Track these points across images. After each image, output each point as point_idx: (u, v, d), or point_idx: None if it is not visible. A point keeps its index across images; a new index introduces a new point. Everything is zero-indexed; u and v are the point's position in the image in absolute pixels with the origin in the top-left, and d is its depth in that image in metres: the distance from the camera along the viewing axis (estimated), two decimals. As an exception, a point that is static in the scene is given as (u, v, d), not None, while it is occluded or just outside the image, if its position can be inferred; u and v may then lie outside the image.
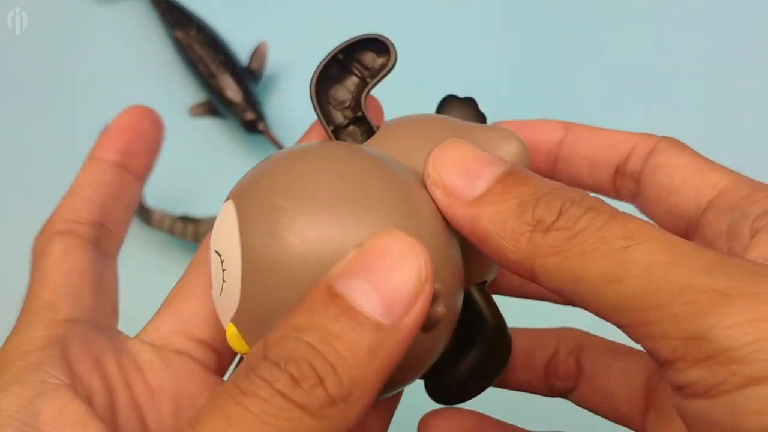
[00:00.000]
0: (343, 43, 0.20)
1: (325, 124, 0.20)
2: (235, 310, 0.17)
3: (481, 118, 0.23)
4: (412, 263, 0.15)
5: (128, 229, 0.23)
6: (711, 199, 0.20)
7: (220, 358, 0.21)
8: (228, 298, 0.17)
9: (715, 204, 0.20)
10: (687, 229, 0.20)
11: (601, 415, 0.23)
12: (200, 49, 0.47)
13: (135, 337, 0.21)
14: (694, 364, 0.14)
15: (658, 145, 0.21)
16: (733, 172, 0.20)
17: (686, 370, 0.14)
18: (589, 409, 0.24)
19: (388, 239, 0.15)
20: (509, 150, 0.20)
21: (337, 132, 0.21)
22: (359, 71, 0.21)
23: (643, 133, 0.22)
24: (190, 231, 0.41)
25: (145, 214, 0.42)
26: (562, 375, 0.24)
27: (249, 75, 0.47)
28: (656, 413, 0.21)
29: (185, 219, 0.42)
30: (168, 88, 0.49)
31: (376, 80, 0.20)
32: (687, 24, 0.49)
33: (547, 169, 0.23)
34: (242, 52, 0.48)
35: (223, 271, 0.17)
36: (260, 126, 0.44)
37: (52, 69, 0.50)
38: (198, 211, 0.42)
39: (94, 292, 0.20)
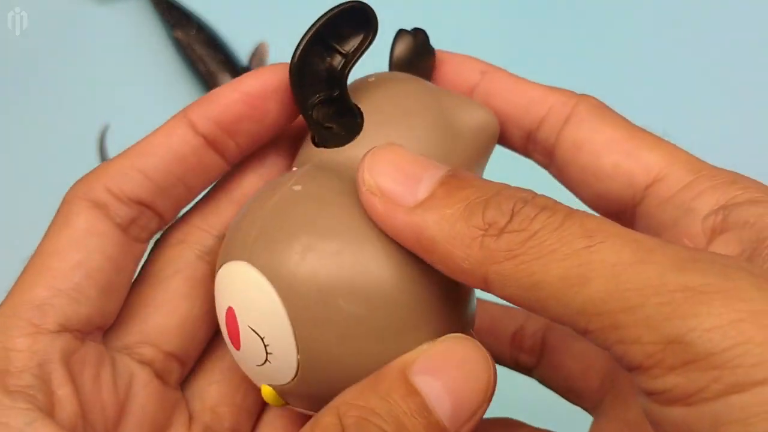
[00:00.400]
0: (324, 17, 0.18)
1: (304, 110, 0.19)
2: (286, 382, 0.17)
3: (430, 51, 0.22)
4: (485, 376, 0.15)
5: (180, 212, 0.20)
6: (647, 185, 0.18)
7: (183, 367, 0.20)
8: (274, 371, 0.17)
9: (652, 193, 0.18)
10: (620, 212, 0.19)
11: (560, 394, 0.23)
12: (200, 48, 0.47)
13: (103, 340, 0.19)
14: (671, 371, 0.13)
15: (576, 109, 0.19)
16: (666, 145, 0.19)
17: (662, 377, 0.13)
18: (550, 387, 0.24)
19: (467, 347, 0.16)
20: (475, 117, 0.19)
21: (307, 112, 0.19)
22: (341, 48, 0.19)
23: (561, 91, 0.20)
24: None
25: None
26: (527, 349, 0.24)
27: (249, 75, 0.47)
28: (613, 398, 0.21)
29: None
30: (168, 88, 0.49)
31: (358, 54, 0.19)
32: (684, 24, 0.49)
33: None
34: (242, 52, 0.48)
35: (266, 347, 0.17)
36: (260, 126, 0.44)
37: (52, 69, 0.50)
38: (198, 211, 0.42)
39: (98, 295, 0.18)
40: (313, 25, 0.18)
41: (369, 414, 0.15)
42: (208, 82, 0.46)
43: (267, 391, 0.18)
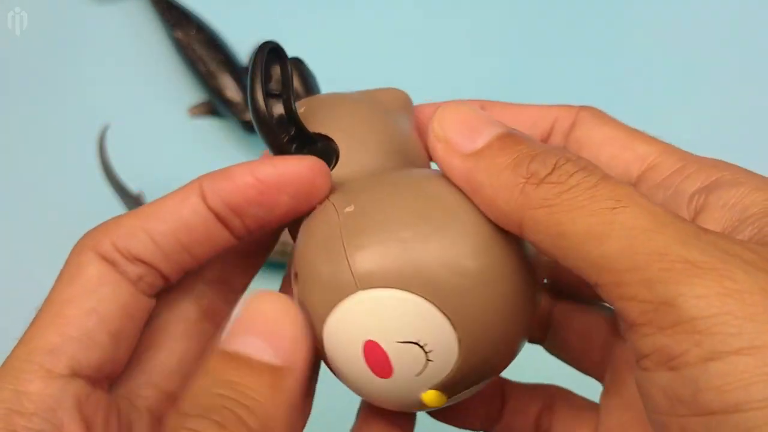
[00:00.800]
0: (255, 64, 0.19)
1: (284, 153, 0.20)
2: (448, 372, 0.18)
3: (311, 77, 0.24)
4: (282, 305, 0.17)
5: (184, 274, 0.20)
6: (640, 174, 0.20)
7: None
8: (435, 369, 0.17)
9: (645, 179, 0.20)
10: None
11: (569, 365, 0.24)
12: (200, 48, 0.47)
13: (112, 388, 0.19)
14: (660, 331, 0.14)
15: (579, 116, 0.21)
16: (660, 142, 0.20)
17: (651, 336, 0.14)
18: (559, 358, 0.24)
19: (258, 296, 0.17)
20: (397, 96, 0.22)
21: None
22: (273, 90, 0.20)
23: (563, 105, 0.22)
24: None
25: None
26: (534, 324, 0.24)
27: (249, 75, 0.47)
28: (612, 374, 0.22)
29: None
30: (168, 88, 0.49)
31: (290, 88, 0.20)
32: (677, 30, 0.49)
33: None
34: (242, 52, 0.48)
35: (424, 347, 0.17)
36: (260, 126, 0.44)
37: (52, 69, 0.50)
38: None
39: (110, 343, 0.18)
40: (252, 75, 0.19)
41: (199, 391, 0.16)
42: (208, 82, 0.46)
43: (431, 395, 0.18)
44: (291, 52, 0.19)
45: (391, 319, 0.17)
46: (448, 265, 0.17)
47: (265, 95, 0.19)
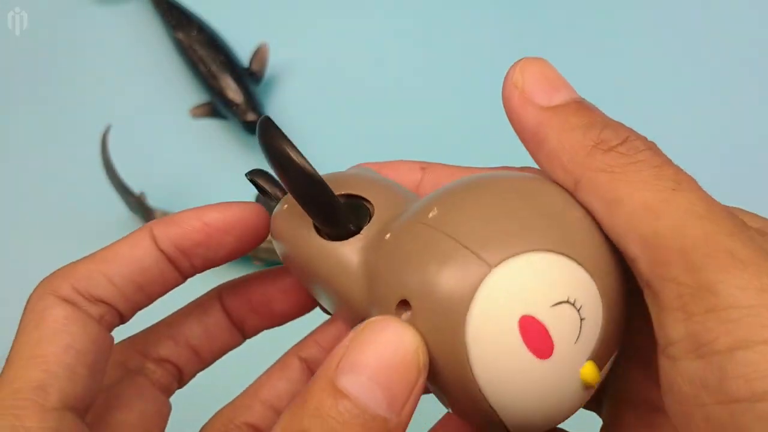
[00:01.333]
0: (278, 141, 0.19)
1: (336, 220, 0.20)
2: (597, 334, 0.17)
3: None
4: (409, 350, 0.15)
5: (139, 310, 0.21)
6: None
7: None
8: (588, 334, 0.17)
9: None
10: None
11: None
12: (201, 49, 0.47)
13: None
14: (692, 316, 0.14)
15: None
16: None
17: (683, 321, 0.14)
18: None
19: (383, 328, 0.16)
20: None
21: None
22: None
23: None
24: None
25: (147, 214, 0.42)
26: None
27: (250, 76, 0.47)
28: (610, 410, 0.21)
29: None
30: (169, 89, 0.49)
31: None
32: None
33: None
34: (243, 53, 0.48)
35: (579, 310, 0.17)
36: (261, 127, 0.44)
37: (52, 69, 0.50)
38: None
39: (89, 374, 0.18)
40: (281, 146, 0.18)
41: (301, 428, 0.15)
42: (208, 83, 0.46)
43: (589, 370, 0.17)
44: (291, 51, 0.19)
45: (538, 282, 0.16)
46: (568, 219, 0.17)
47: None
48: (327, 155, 0.35)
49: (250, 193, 0.29)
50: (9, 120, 0.48)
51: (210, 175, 0.46)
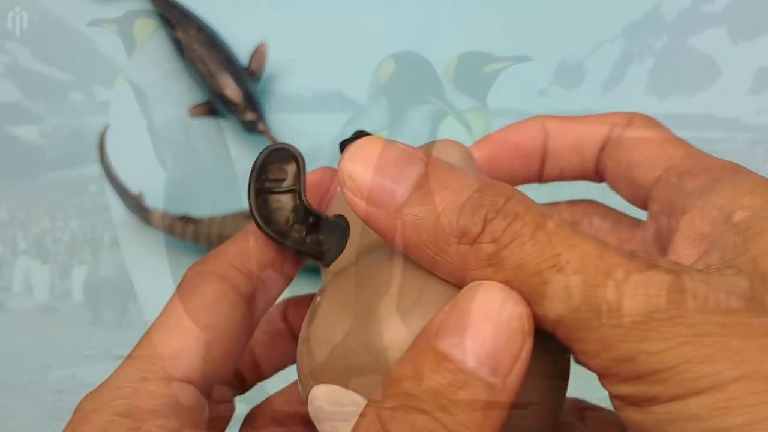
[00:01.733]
0: (254, 168, 0.20)
1: (298, 250, 0.20)
2: None
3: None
4: (516, 315, 0.15)
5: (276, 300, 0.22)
6: (660, 173, 0.20)
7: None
8: None
9: (662, 178, 0.20)
10: (645, 200, 0.21)
11: None
12: (200, 49, 0.47)
13: None
14: (625, 382, 0.15)
15: (632, 120, 0.22)
16: (689, 146, 0.21)
17: (618, 385, 0.15)
18: None
19: (489, 292, 0.15)
20: (449, 151, 0.21)
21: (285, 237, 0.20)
22: (281, 186, 0.20)
23: (618, 113, 0.22)
24: (190, 231, 0.41)
25: (145, 214, 0.42)
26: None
27: (249, 75, 0.47)
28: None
29: (185, 219, 0.42)
30: (168, 88, 0.49)
31: (302, 180, 0.20)
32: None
33: (538, 166, 0.23)
34: (242, 52, 0.48)
35: None
36: (260, 126, 0.44)
37: (52, 69, 0.50)
38: (198, 211, 0.42)
39: (221, 356, 0.19)
40: (253, 178, 0.19)
41: (405, 400, 0.15)
42: (207, 82, 0.46)
43: None
44: (291, 51, 0.19)
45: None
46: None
47: (268, 192, 0.20)
48: (326, 155, 0.35)
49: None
50: (9, 119, 0.48)
51: (208, 173, 0.46)
